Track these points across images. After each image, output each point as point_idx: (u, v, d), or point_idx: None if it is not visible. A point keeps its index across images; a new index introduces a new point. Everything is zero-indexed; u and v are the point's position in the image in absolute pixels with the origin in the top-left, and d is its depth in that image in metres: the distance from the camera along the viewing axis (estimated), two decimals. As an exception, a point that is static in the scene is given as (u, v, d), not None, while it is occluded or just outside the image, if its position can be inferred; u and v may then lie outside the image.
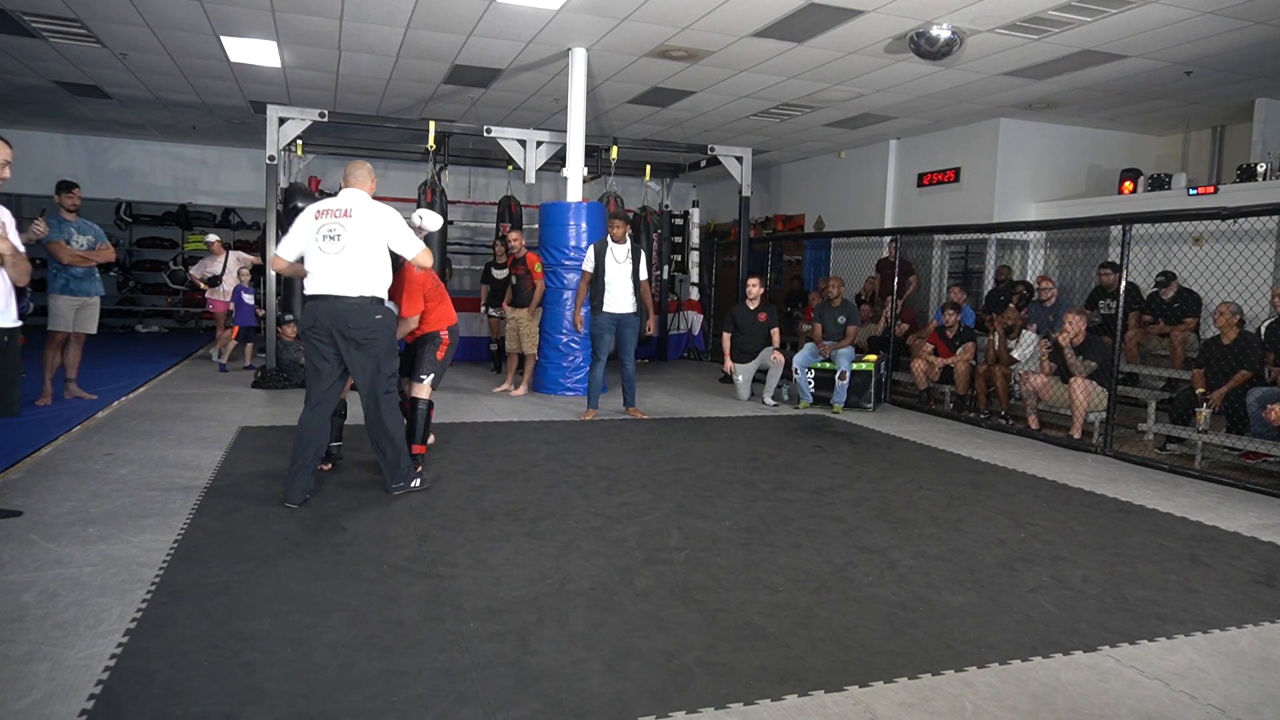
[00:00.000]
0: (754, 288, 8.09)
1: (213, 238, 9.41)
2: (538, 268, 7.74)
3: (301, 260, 4.14)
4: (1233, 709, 2.42)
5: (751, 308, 8.09)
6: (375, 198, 4.26)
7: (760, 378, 8.33)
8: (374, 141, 11.50)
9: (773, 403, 7.96)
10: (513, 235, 7.98)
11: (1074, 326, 6.44)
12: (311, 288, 4.08)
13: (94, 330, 6.72)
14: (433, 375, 4.77)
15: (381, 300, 4.15)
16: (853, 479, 5.07)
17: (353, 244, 4.04)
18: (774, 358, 8.03)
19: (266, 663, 2.47)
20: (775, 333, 8.13)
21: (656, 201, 12.16)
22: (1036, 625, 2.95)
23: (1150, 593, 3.32)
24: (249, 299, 9.07)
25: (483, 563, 3.38)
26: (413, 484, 4.40)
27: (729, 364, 8.08)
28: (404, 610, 2.88)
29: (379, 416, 4.18)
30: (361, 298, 4.05)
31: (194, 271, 9.36)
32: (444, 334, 4.86)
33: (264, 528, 3.73)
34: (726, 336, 8.10)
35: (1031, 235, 9.65)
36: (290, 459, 4.13)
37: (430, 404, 4.80)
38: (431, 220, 4.94)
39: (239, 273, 9.11)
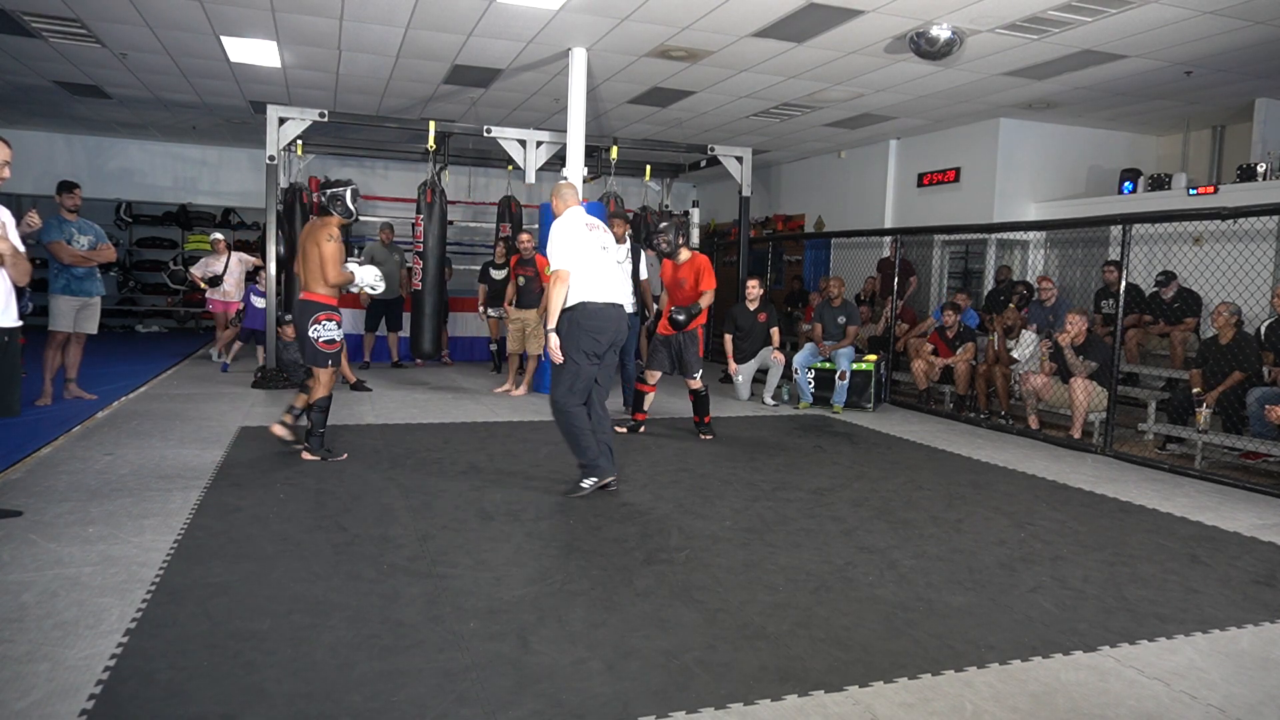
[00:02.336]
0: (753, 288, 8.09)
1: (218, 235, 9.39)
2: (548, 270, 7.74)
3: None
4: (1233, 709, 2.42)
5: (751, 308, 8.09)
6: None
7: (760, 378, 8.33)
8: (374, 141, 11.49)
9: (773, 403, 7.96)
10: (524, 237, 7.98)
11: (1075, 326, 6.44)
12: (594, 295, 4.32)
13: (95, 330, 6.72)
14: (700, 370, 6.05)
15: None
16: (853, 479, 5.08)
17: (620, 258, 4.64)
18: (774, 357, 8.04)
19: (266, 663, 2.47)
20: (775, 332, 8.14)
21: (656, 201, 12.16)
22: (1036, 625, 2.95)
23: (1150, 593, 3.32)
24: (260, 302, 8.82)
25: (483, 563, 3.38)
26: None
27: (733, 365, 8.08)
28: (404, 610, 2.88)
29: (606, 409, 4.62)
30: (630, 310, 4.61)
31: (195, 270, 9.34)
32: (700, 332, 6.05)
33: (264, 528, 3.73)
34: (728, 338, 8.10)
35: (1031, 235, 9.64)
36: (579, 451, 4.39)
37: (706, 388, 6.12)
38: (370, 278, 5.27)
39: (256, 275, 9.01)
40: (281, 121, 8.24)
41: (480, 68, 8.18)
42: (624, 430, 6.10)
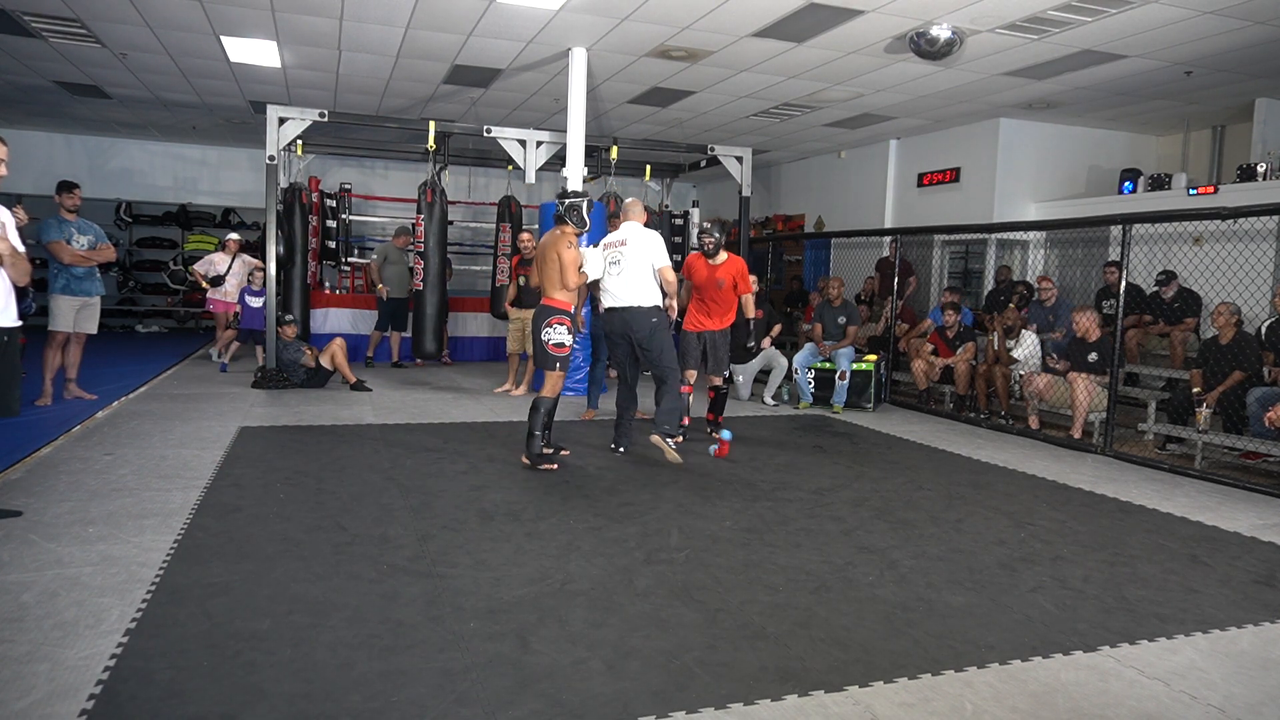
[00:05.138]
0: (752, 284, 8.03)
1: (234, 236, 9.42)
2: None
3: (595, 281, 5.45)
4: (1233, 709, 2.42)
5: None
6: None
7: (761, 378, 8.32)
8: (374, 141, 11.49)
9: (773, 403, 7.96)
10: (524, 236, 7.97)
11: (1085, 324, 6.47)
12: (608, 302, 5.43)
13: (94, 330, 6.71)
14: (727, 370, 6.30)
15: (658, 307, 5.37)
16: (853, 479, 5.08)
17: (629, 267, 5.35)
18: (764, 344, 7.98)
19: (266, 663, 2.47)
20: (775, 328, 8.06)
21: (656, 201, 12.15)
22: (1036, 625, 2.95)
23: (1150, 593, 3.32)
24: (256, 303, 8.82)
25: (483, 563, 3.38)
26: (669, 440, 5.31)
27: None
28: (404, 610, 2.88)
29: (663, 393, 5.41)
30: (640, 306, 5.31)
31: (197, 267, 9.34)
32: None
33: (264, 528, 3.73)
34: None
35: (1031, 235, 9.64)
36: (616, 422, 5.61)
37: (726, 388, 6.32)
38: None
39: (250, 275, 9.02)
40: (281, 121, 8.24)
41: (480, 68, 8.18)
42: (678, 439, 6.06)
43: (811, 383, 7.82)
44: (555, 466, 5.04)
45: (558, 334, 5.06)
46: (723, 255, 6.11)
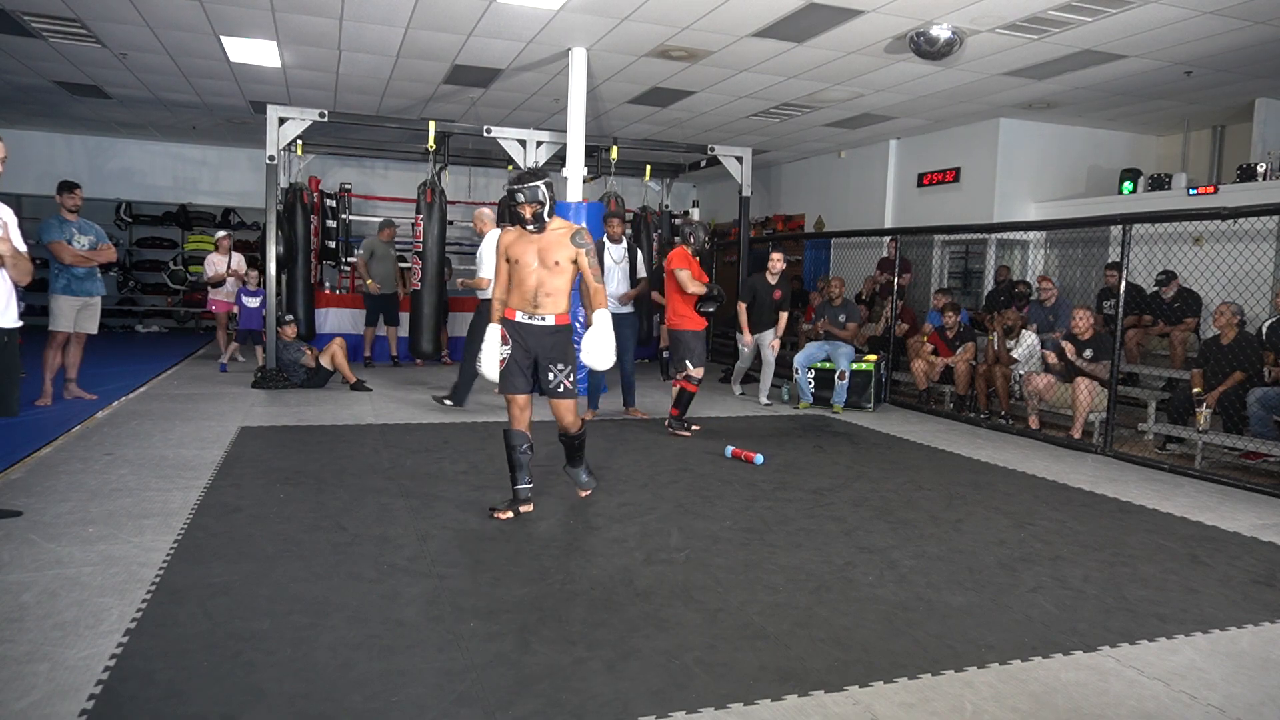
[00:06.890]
0: (777, 262, 7.69)
1: (222, 234, 9.44)
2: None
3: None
4: (1233, 709, 2.42)
5: (771, 281, 7.74)
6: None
7: (753, 376, 8.26)
8: (374, 141, 11.49)
9: (767, 402, 7.93)
10: None
11: (1083, 322, 6.47)
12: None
13: (95, 330, 6.71)
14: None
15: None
16: (853, 479, 5.08)
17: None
18: (771, 345, 7.82)
19: (266, 663, 2.47)
20: (783, 318, 7.79)
21: (656, 201, 12.16)
22: (1036, 625, 2.95)
23: (1150, 593, 3.32)
24: (253, 303, 8.79)
25: (482, 563, 3.38)
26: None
27: (748, 336, 7.75)
28: (404, 610, 2.88)
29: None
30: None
31: (207, 271, 9.32)
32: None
33: (264, 528, 3.73)
34: (743, 306, 7.74)
35: (1031, 235, 9.64)
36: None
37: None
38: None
39: (245, 275, 9.02)
40: (281, 121, 8.24)
41: (480, 68, 8.18)
42: (687, 434, 6.25)
43: (811, 383, 7.81)
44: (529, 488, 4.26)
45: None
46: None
